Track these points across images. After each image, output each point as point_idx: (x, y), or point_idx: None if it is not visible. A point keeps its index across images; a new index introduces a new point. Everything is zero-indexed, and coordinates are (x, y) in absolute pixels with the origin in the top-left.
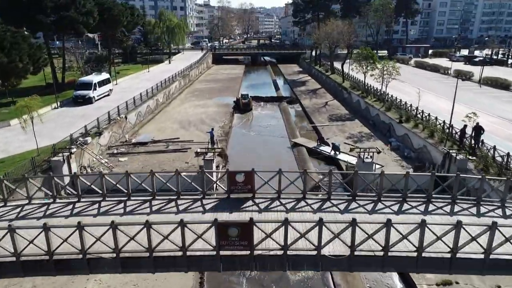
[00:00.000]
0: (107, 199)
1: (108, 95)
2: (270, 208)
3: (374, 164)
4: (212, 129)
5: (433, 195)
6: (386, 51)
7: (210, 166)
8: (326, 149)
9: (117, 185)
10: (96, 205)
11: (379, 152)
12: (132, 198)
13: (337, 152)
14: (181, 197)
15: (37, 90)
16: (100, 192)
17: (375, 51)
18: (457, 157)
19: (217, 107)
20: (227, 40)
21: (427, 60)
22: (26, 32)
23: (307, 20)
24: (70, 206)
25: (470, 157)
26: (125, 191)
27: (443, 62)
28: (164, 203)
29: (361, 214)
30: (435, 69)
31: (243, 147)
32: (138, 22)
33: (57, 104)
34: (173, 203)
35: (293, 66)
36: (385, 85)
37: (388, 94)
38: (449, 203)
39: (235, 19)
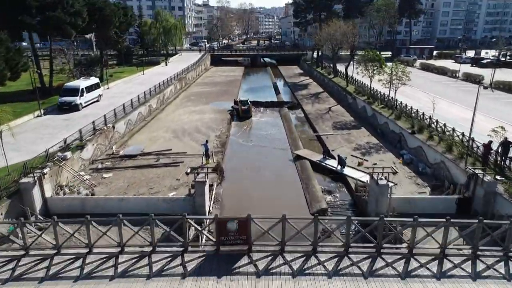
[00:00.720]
0: (62, 252)
1: (97, 101)
2: (272, 270)
3: (390, 187)
4: (207, 141)
5: (480, 248)
6: (389, 53)
7: (202, 189)
8: (332, 163)
9: (75, 236)
10: (47, 263)
11: (395, 173)
12: (93, 252)
13: (344, 167)
14: (157, 249)
15: (24, 95)
16: (53, 244)
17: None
18: (485, 179)
19: (214, 113)
20: (226, 41)
21: (432, 62)
22: (4, 35)
23: (308, 20)
24: (13, 264)
25: (498, 178)
26: (85, 243)
27: (449, 64)
28: (135, 260)
29: (391, 281)
30: (442, 71)
31: (241, 160)
32: (131, 23)
33: (41, 112)
34: (145, 260)
35: (294, 67)
36: (394, 91)
37: (396, 100)
38: (501, 259)
39: (234, 19)
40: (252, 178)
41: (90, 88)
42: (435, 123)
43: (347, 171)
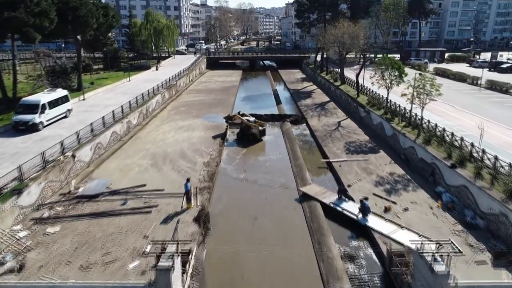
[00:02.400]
0: None
1: (65, 117)
2: None
3: (452, 277)
4: (188, 180)
5: None
6: (397, 55)
7: (167, 280)
8: (350, 207)
9: None
10: None
11: (458, 252)
12: None
13: (367, 214)
14: None
15: None
16: None
17: (386, 55)
18: None
19: (205, 130)
20: (224, 42)
21: (446, 66)
22: None
23: (312, 21)
24: None
25: None
26: None
27: (463, 68)
28: None
29: None
30: (461, 78)
31: (233, 202)
32: (112, 24)
33: None
34: None
35: (295, 72)
36: (421, 107)
37: (422, 118)
38: None
39: (233, 19)
40: (246, 232)
41: (55, 103)
42: (481, 153)
43: (372, 222)
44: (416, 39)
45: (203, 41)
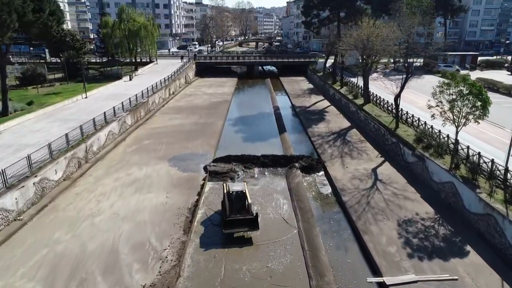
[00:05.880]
0: None
1: None
2: None
3: None
4: None
5: None
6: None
7: None
8: None
9: None
10: None
11: None
12: None
13: None
14: None
15: None
16: None
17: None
18: None
19: (170, 187)
20: (221, 44)
21: (482, 74)
22: None
23: (322, 20)
24: None
25: None
26: None
27: (503, 77)
28: None
29: None
30: None
31: None
32: (49, 24)
33: None
34: None
35: (300, 80)
36: None
37: None
38: None
39: (231, 19)
40: None
41: None
42: None
43: None
44: (435, 41)
45: (196, 43)
